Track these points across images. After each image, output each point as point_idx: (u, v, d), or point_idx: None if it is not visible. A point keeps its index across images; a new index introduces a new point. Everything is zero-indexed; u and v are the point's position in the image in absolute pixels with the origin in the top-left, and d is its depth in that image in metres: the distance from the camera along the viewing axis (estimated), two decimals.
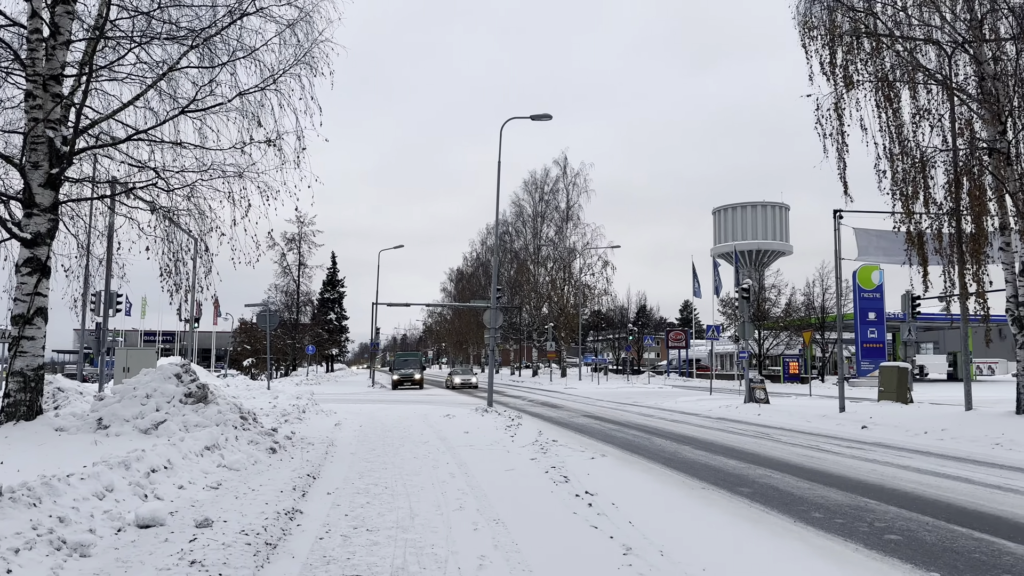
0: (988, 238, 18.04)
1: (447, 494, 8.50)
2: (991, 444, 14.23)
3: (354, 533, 6.61)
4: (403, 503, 7.96)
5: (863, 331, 41.10)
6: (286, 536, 6.49)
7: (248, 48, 13.85)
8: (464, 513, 7.49)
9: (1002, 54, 17.83)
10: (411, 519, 7.18)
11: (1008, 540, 6.76)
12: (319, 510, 7.58)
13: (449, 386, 45.64)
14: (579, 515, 7.44)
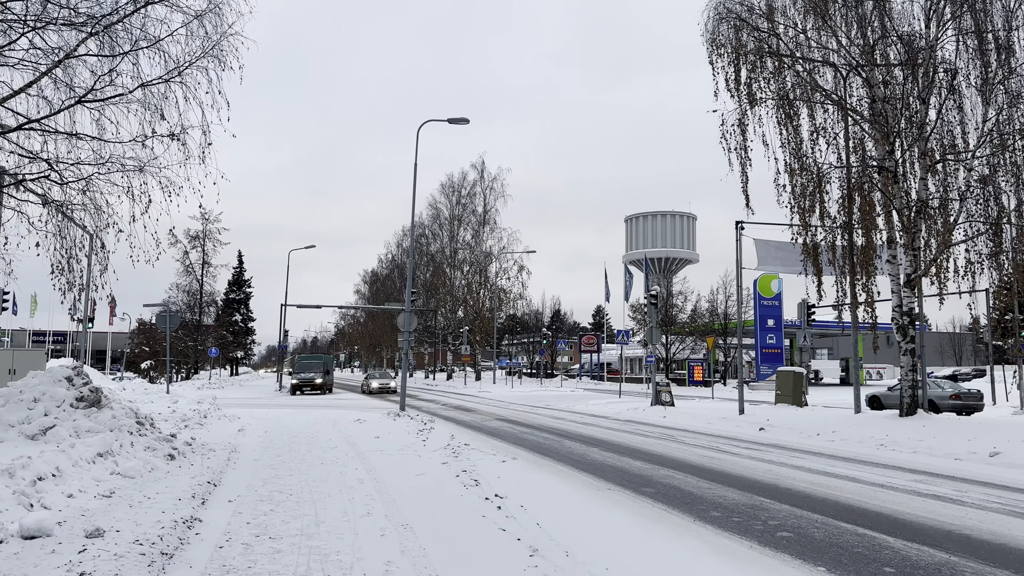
0: (876, 251, 19.26)
1: (355, 500, 8.38)
2: (876, 445, 15.17)
3: (256, 541, 6.43)
4: (308, 510, 7.80)
5: (762, 337, 43.05)
6: (184, 546, 6.25)
7: (152, 38, 13.25)
8: (372, 519, 7.41)
9: (891, 78, 19.08)
10: (316, 526, 7.05)
11: (887, 535, 7.23)
12: (219, 518, 7.34)
13: (366, 391, 42.66)
14: (488, 518, 7.48)
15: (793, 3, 19.90)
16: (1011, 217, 17.86)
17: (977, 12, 17.93)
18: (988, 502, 9.04)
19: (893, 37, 19.13)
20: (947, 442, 14.47)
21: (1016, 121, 17.72)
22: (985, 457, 12.97)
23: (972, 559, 6.34)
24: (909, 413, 18.50)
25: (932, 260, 18.71)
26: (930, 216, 18.76)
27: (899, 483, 10.52)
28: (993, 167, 18.07)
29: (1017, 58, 17.80)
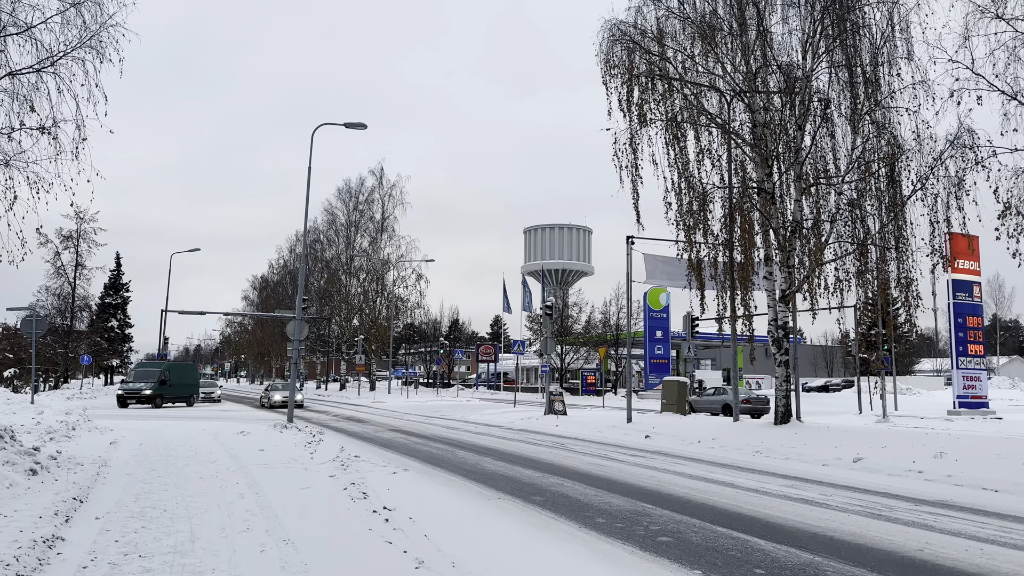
0: (755, 268, 20.37)
1: (234, 515, 8.04)
2: (752, 452, 15.98)
3: (124, 560, 6.06)
4: (183, 526, 7.43)
5: (651, 348, 44.63)
6: (43, 566, 5.81)
7: (23, 24, 12.36)
8: (252, 535, 7.13)
9: (771, 105, 20.29)
10: (191, 543, 6.72)
11: (759, 538, 7.62)
12: (85, 536, 6.87)
13: (266, 405, 37.29)
14: (375, 531, 7.36)
15: (683, 29, 20.86)
16: (875, 239, 19.32)
17: (848, 47, 19.35)
18: (850, 505, 9.69)
19: (773, 66, 20.36)
20: (816, 449, 15.43)
21: (880, 150, 19.21)
22: (849, 463, 13.91)
23: (834, 559, 6.78)
24: (783, 421, 19.62)
25: (805, 277, 19.96)
26: (804, 236, 20.02)
27: (772, 488, 11.12)
28: (860, 192, 19.51)
29: (882, 91, 19.31)
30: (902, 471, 12.70)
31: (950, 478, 11.87)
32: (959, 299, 30.41)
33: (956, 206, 17.25)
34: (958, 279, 30.13)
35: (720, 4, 20.81)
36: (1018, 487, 10.80)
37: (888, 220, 19.04)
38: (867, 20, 19.30)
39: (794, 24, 20.36)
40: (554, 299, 44.02)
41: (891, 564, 6.60)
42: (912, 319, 19.46)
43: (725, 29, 20.68)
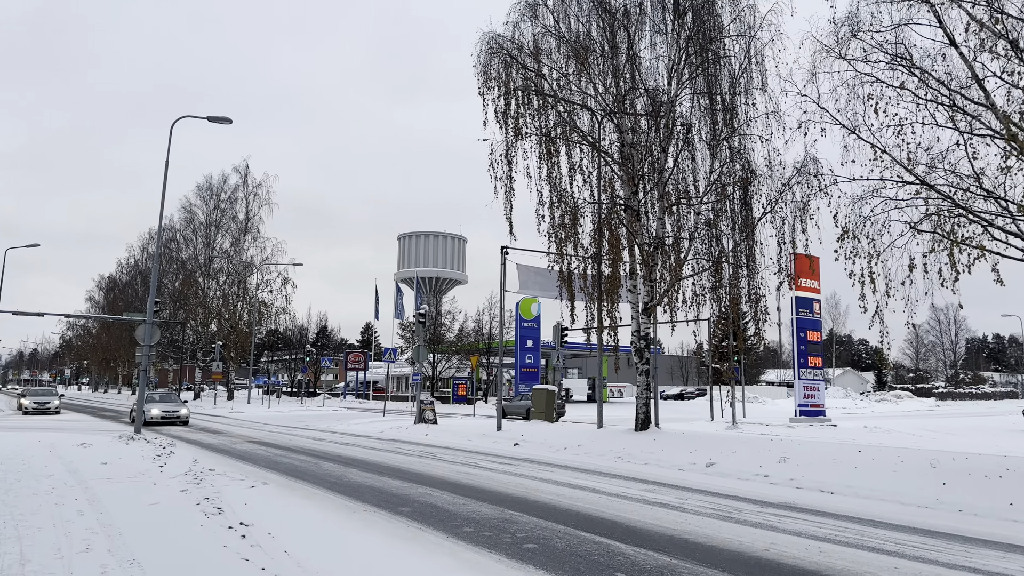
0: (621, 281, 21.15)
1: (72, 534, 7.37)
2: (615, 457, 16.54)
3: None
4: (13, 547, 6.72)
5: (521, 357, 45.30)
6: None
7: None
8: (92, 555, 6.55)
9: (638, 126, 21.21)
10: (21, 566, 6.08)
11: (620, 542, 7.87)
12: None
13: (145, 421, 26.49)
14: (230, 548, 6.97)
15: (558, 47, 21.45)
16: (729, 257, 20.59)
17: (709, 76, 20.60)
18: (704, 508, 10.22)
19: (641, 90, 21.32)
20: (673, 454, 16.18)
21: (735, 174, 20.53)
22: (703, 467, 14.68)
23: (689, 561, 7.10)
24: (643, 428, 20.46)
25: (666, 291, 20.96)
26: (666, 252, 21.04)
27: (632, 492, 11.53)
28: (716, 212, 20.75)
29: (739, 119, 20.67)
30: (750, 475, 13.55)
31: (792, 481, 12.79)
32: (801, 315, 32.94)
33: (801, 229, 18.74)
34: (801, 296, 32.63)
35: (593, 26, 21.57)
36: (850, 489, 11.79)
37: (741, 240, 20.36)
38: (727, 51, 20.63)
39: (661, 50, 21.45)
40: (428, 307, 43.72)
41: (740, 564, 7.00)
42: (760, 332, 21.02)
43: (598, 51, 21.44)
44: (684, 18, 20.78)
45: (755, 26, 19.98)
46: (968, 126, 12.54)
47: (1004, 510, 9.80)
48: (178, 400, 32.68)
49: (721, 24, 20.54)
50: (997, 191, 12.43)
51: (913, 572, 6.71)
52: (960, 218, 12.67)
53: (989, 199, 12.48)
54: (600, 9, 21.44)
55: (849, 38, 13.37)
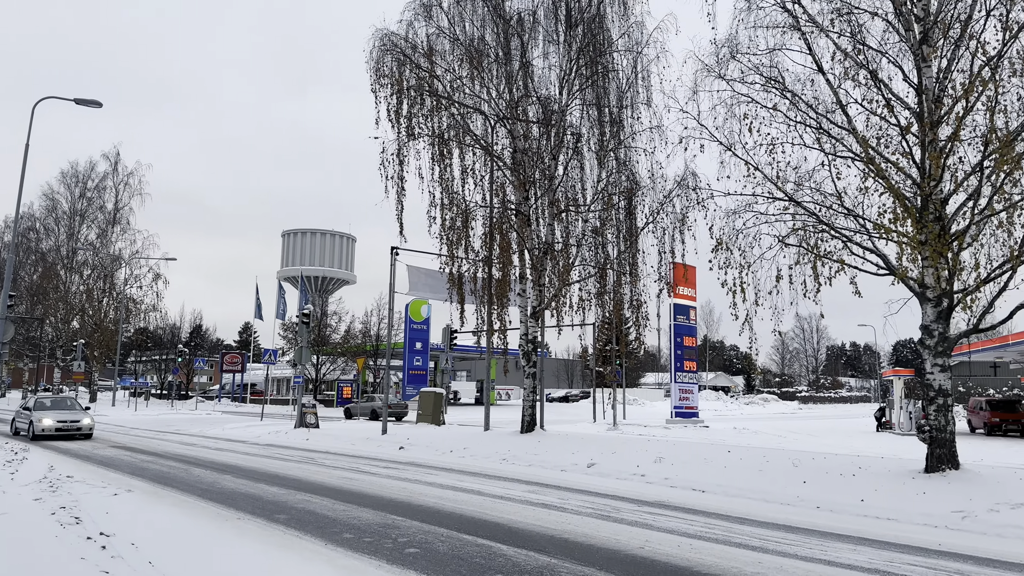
0: (511, 285, 21.36)
1: None
2: (500, 459, 16.66)
3: None
4: None
5: (410, 359, 44.89)
6: None
7: None
8: None
9: (530, 133, 21.50)
10: None
11: (502, 543, 7.92)
12: None
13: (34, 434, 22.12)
14: (89, 560, 6.49)
15: (452, 49, 21.42)
16: (614, 264, 21.23)
17: (598, 88, 21.18)
18: (584, 508, 10.46)
19: (534, 97, 21.65)
20: (556, 455, 16.48)
21: (621, 184, 21.19)
22: (584, 468, 15.04)
23: (568, 560, 7.24)
24: (528, 430, 20.73)
25: (554, 296, 21.35)
26: (554, 258, 21.44)
27: (515, 494, 11.65)
28: (603, 221, 21.35)
29: (625, 131, 21.35)
30: (628, 475, 14.00)
31: (667, 480, 13.31)
32: (679, 321, 34.42)
33: (680, 239, 19.57)
34: (678, 303, 34.11)
35: (488, 31, 21.70)
36: (720, 488, 12.40)
37: (625, 248, 21.05)
38: (616, 65, 21.29)
39: (553, 60, 21.87)
40: (312, 307, 42.43)
41: (617, 562, 7.20)
42: (641, 337, 21.76)
43: (492, 56, 21.59)
44: (576, 30, 21.26)
45: (642, 42, 20.74)
46: (832, 148, 13.50)
47: (856, 506, 10.59)
48: (77, 406, 24.72)
49: (610, 38, 21.18)
50: (856, 210, 13.45)
51: (775, 566, 7.12)
52: (823, 233, 13.61)
53: (849, 217, 13.48)
54: (495, 15, 21.61)
55: (728, 59, 14.09)
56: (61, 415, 22.74)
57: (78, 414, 23.26)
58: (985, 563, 7.38)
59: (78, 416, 23.03)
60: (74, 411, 23.54)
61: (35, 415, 22.40)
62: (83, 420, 22.90)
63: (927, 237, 12.06)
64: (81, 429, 22.63)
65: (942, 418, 12.58)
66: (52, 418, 22.43)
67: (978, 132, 12.45)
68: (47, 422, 22.25)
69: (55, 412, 22.92)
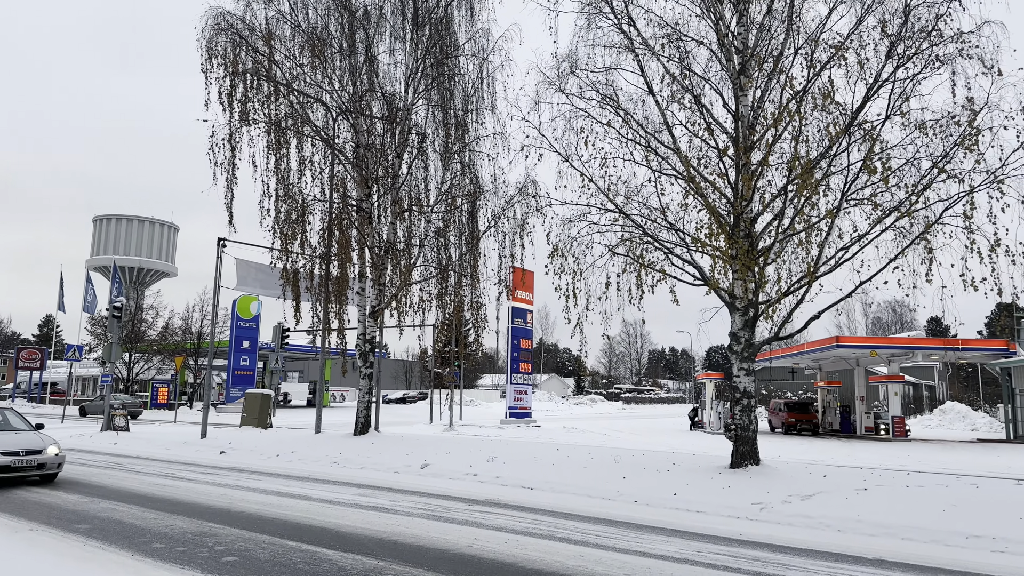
0: (350, 283, 20.84)
1: None
2: (331, 463, 16.20)
3: None
4: None
5: (236, 359, 42.59)
6: None
7: None
8: None
9: (374, 129, 21.13)
10: None
11: (328, 548, 7.70)
12: None
13: None
14: None
15: (293, 36, 20.58)
16: (455, 266, 21.34)
17: (444, 90, 21.21)
18: (415, 509, 10.41)
19: (379, 93, 21.30)
20: (390, 457, 16.29)
21: (465, 187, 21.37)
22: (418, 469, 14.99)
23: (396, 562, 7.17)
24: (362, 432, 20.33)
25: (394, 295, 21.10)
26: (396, 257, 21.20)
27: (345, 498, 11.38)
28: (446, 222, 21.41)
29: (470, 135, 21.53)
30: (461, 474, 14.13)
31: (498, 479, 13.57)
32: (516, 324, 35.26)
33: (519, 244, 20.05)
34: (517, 306, 34.96)
35: (332, 21, 21.08)
36: (548, 485, 12.83)
37: (467, 250, 21.24)
38: (462, 69, 21.42)
39: (400, 58, 21.62)
40: (126, 300, 38.96)
41: (445, 561, 7.23)
42: (480, 339, 21.93)
43: (336, 47, 20.99)
44: (423, 30, 21.18)
45: (488, 49, 21.04)
46: (659, 166, 14.42)
47: (670, 499, 11.34)
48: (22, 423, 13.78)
49: (457, 42, 21.29)
50: (678, 224, 14.45)
51: (594, 559, 7.46)
52: (648, 245, 14.50)
53: (671, 230, 14.45)
54: (340, 5, 21.04)
55: (568, 74, 14.65)
56: (10, 444, 12.23)
57: (30, 438, 12.68)
58: (778, 550, 8.17)
59: (34, 442, 12.55)
60: (21, 433, 12.91)
61: None
62: (48, 450, 12.51)
63: (737, 252, 13.18)
64: (44, 466, 12.41)
65: (746, 418, 13.79)
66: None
67: (784, 159, 13.80)
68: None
69: None
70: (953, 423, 40.22)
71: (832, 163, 13.20)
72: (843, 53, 12.86)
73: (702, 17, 14.35)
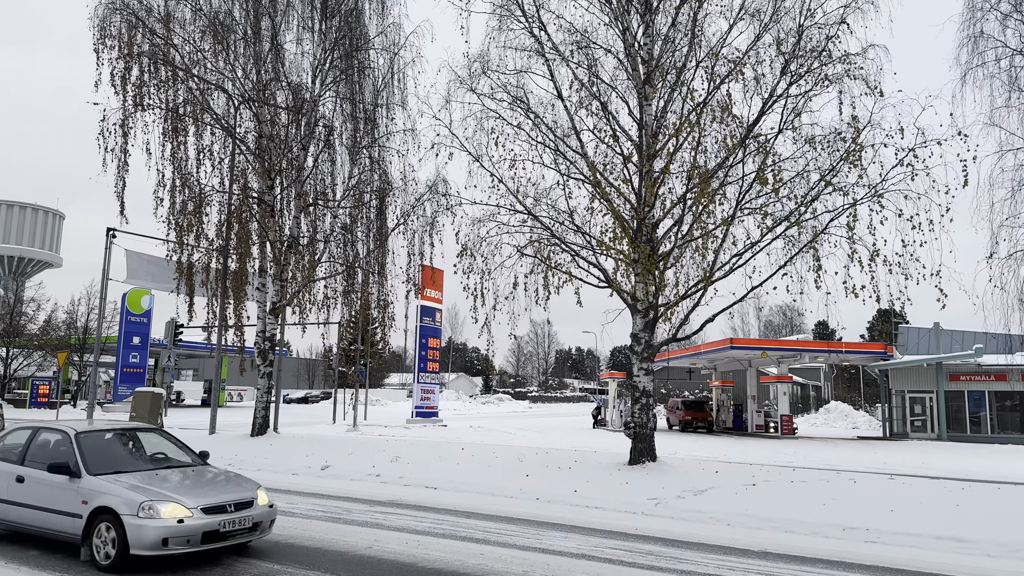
0: (249, 278, 20.15)
1: None
2: (225, 465, 15.56)
3: None
4: None
5: (125, 355, 40.41)
6: None
7: None
8: None
9: (278, 120, 20.50)
10: None
11: (217, 554, 7.43)
12: None
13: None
14: None
15: (194, 20, 19.71)
16: (362, 263, 21.00)
17: (353, 83, 20.82)
18: (315, 511, 10.19)
19: (284, 83, 20.68)
20: (289, 459, 15.86)
21: (373, 183, 21.06)
22: (318, 470, 14.66)
23: (292, 565, 7.01)
24: (260, 432, 19.71)
25: (297, 292, 20.56)
26: (299, 252, 20.66)
27: None
28: (353, 218, 21.03)
29: (380, 130, 21.21)
30: (363, 475, 13.93)
31: (401, 479, 13.46)
32: (425, 323, 35.04)
33: (429, 242, 19.94)
34: (425, 305, 34.73)
35: (236, 6, 20.31)
36: (452, 484, 12.82)
37: (375, 247, 20.93)
38: (372, 63, 21.08)
39: (307, 47, 21.07)
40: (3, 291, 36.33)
41: (343, 563, 7.12)
42: (387, 338, 21.66)
43: (239, 33, 20.25)
44: (332, 21, 20.72)
45: (399, 44, 20.78)
46: (567, 170, 14.68)
47: (571, 496, 11.56)
48: (187, 453, 9.14)
49: (367, 35, 20.94)
50: (584, 227, 14.75)
51: (495, 556, 7.52)
52: (555, 247, 14.74)
53: (578, 233, 14.74)
54: None
55: (480, 74, 14.71)
56: (204, 492, 7.52)
57: (240, 488, 7.83)
58: (671, 544, 8.47)
59: (240, 489, 7.79)
60: (205, 473, 8.40)
61: (128, 494, 7.06)
62: (258, 499, 7.71)
63: (639, 256, 13.59)
64: (259, 527, 7.57)
65: (644, 416, 14.22)
66: (193, 502, 7.14)
67: (685, 168, 14.32)
68: (182, 514, 6.99)
69: (184, 485, 7.68)
70: (837, 421, 42.82)
71: (728, 173, 13.80)
72: (741, 68, 13.47)
73: (611, 26, 14.70)
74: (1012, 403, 30.71)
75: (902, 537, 8.92)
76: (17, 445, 8.21)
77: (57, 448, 7.88)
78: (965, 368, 31.28)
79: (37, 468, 7.70)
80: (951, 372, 31.65)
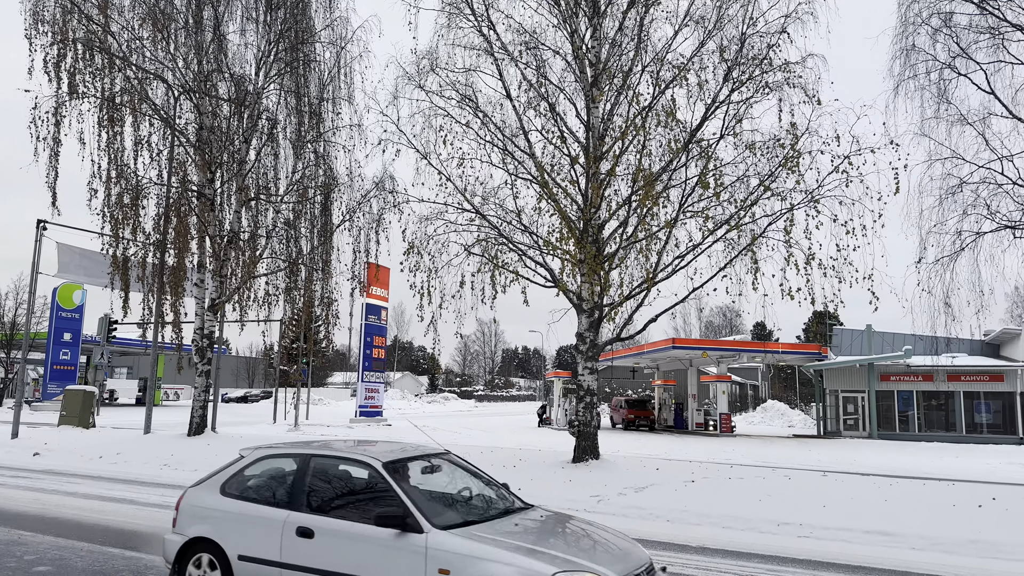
0: (187, 273, 19.63)
1: None
2: (161, 465, 15.19)
3: None
4: None
5: (56, 352, 38.91)
6: None
7: None
8: None
9: (220, 111, 20.02)
10: None
11: (158, 555, 7.22)
12: None
13: None
14: None
15: (133, 7, 19.09)
16: (306, 259, 20.67)
17: (298, 76, 20.47)
18: None
19: (227, 74, 20.22)
20: (227, 459, 15.42)
21: (318, 178, 20.74)
22: None
23: None
24: (197, 432, 19.23)
25: (237, 288, 20.12)
26: (240, 247, 20.22)
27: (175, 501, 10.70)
28: (297, 213, 20.67)
29: (325, 125, 20.91)
30: None
31: None
32: (370, 321, 34.66)
33: (375, 240, 19.78)
34: (371, 303, 34.34)
35: None
36: None
37: (319, 243, 20.62)
38: (318, 56, 20.77)
39: (251, 39, 20.66)
40: None
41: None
42: (330, 336, 21.40)
43: (180, 22, 19.71)
44: (277, 12, 20.33)
45: (346, 38, 20.54)
46: (515, 169, 14.74)
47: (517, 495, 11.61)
48: (499, 491, 6.52)
49: (313, 28, 20.62)
50: (532, 227, 14.84)
51: None
52: (503, 246, 14.79)
53: (526, 233, 14.82)
54: None
55: (428, 71, 14.65)
56: (599, 552, 5.12)
57: (623, 540, 5.79)
58: None
59: (635, 548, 5.58)
60: (609, 535, 5.87)
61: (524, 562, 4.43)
62: None
63: (585, 256, 13.74)
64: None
65: (588, 414, 14.39)
66: (610, 570, 4.61)
67: (630, 170, 14.54)
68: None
69: (565, 541, 5.33)
70: (773, 420, 44.06)
71: (672, 177, 14.08)
72: (685, 74, 13.76)
73: (559, 28, 14.82)
74: (938, 402, 32.11)
75: (833, 531, 9.25)
76: (281, 479, 5.84)
77: (356, 484, 5.50)
78: (895, 369, 32.57)
79: (333, 517, 5.24)
80: (882, 372, 32.91)
